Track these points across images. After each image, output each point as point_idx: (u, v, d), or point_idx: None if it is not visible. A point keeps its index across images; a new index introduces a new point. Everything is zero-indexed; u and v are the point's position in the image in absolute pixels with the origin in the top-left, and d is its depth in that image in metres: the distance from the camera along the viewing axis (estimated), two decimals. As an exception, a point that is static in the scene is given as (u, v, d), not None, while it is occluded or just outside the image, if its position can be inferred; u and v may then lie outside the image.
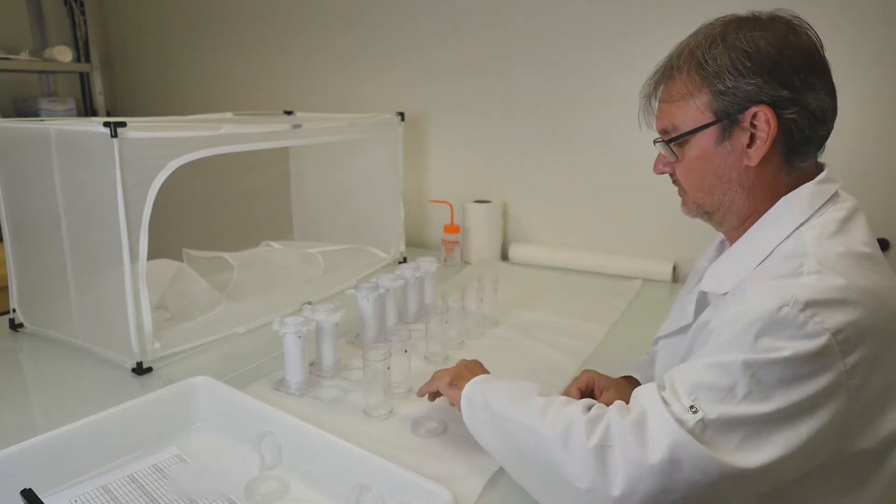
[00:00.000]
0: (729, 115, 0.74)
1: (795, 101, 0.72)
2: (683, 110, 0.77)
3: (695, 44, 0.76)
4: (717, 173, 0.77)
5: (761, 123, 0.72)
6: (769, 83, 0.71)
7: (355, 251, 1.75)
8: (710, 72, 0.74)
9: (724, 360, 0.63)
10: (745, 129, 0.73)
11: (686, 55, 0.76)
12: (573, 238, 1.82)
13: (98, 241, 1.11)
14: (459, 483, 0.79)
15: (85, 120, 1.43)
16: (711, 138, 0.76)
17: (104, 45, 2.65)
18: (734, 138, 0.75)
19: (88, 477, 0.81)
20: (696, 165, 0.78)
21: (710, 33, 0.75)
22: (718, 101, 0.74)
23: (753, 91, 0.72)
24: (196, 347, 1.23)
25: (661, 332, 0.90)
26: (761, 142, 0.73)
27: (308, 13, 2.12)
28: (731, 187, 0.77)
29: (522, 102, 1.80)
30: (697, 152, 0.77)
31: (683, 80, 0.76)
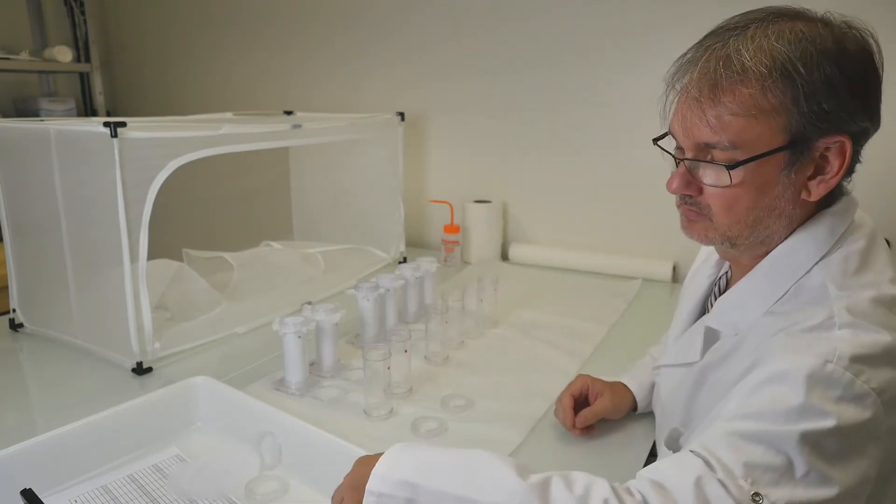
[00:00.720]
0: (807, 141, 0.62)
1: (867, 133, 0.64)
2: (753, 126, 0.62)
3: (777, 42, 0.61)
4: (771, 206, 0.65)
5: (833, 156, 0.63)
6: (860, 110, 0.62)
7: (355, 251, 1.75)
8: (799, 85, 0.60)
9: (771, 432, 0.54)
10: (813, 157, 0.63)
11: (767, 55, 0.61)
12: (573, 238, 1.82)
13: (98, 241, 1.11)
14: (459, 483, 0.79)
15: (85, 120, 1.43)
16: (778, 165, 0.63)
17: (104, 45, 2.65)
18: (801, 167, 0.63)
19: (88, 477, 0.81)
20: (748, 195, 0.65)
21: (794, 34, 0.61)
22: (800, 124, 0.61)
23: (844, 117, 0.61)
24: (196, 347, 1.23)
25: (665, 362, 0.83)
26: (830, 176, 0.63)
27: (308, 13, 2.12)
28: (777, 221, 0.66)
29: (522, 102, 1.80)
30: (755, 179, 0.64)
31: (763, 87, 0.61)
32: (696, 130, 0.65)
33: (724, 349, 0.70)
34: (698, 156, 0.66)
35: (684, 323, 0.83)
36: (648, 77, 1.61)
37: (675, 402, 0.77)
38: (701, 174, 0.67)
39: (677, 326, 0.85)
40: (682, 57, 0.68)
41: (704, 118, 0.64)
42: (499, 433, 0.93)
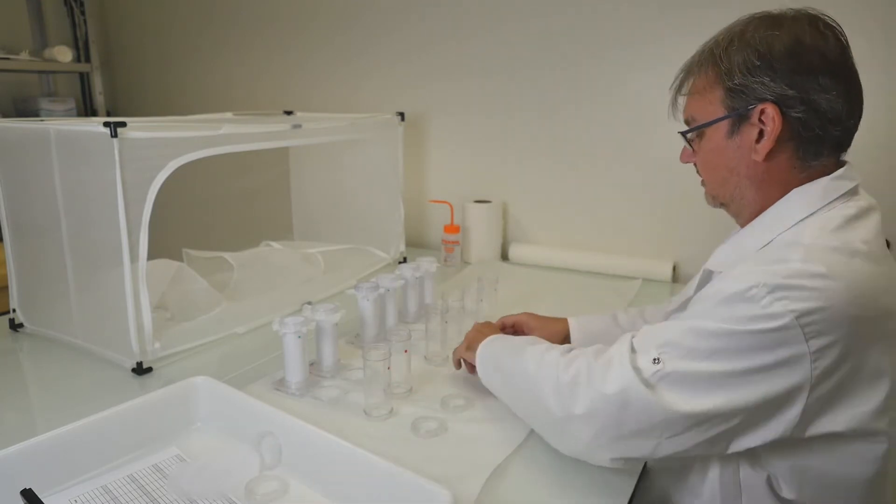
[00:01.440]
0: (738, 111, 0.78)
1: (802, 101, 0.74)
2: (700, 104, 0.82)
3: (714, 42, 0.80)
4: (728, 166, 0.81)
5: (768, 120, 0.76)
6: (776, 82, 0.74)
7: (355, 251, 1.75)
8: (723, 69, 0.78)
9: (694, 325, 0.71)
10: (755, 125, 0.77)
11: (707, 52, 0.81)
12: (573, 238, 1.82)
13: (98, 241, 1.11)
14: (459, 483, 0.79)
15: (85, 120, 1.43)
16: (723, 132, 0.80)
17: (104, 45, 2.65)
18: (744, 133, 0.78)
19: (88, 477, 0.81)
20: (711, 157, 0.83)
21: (731, 31, 0.79)
22: (730, 98, 0.78)
23: (760, 89, 0.75)
24: (196, 347, 1.23)
25: (669, 308, 0.98)
26: (767, 137, 0.76)
27: (308, 13, 2.12)
28: (740, 181, 0.81)
29: (522, 102, 1.80)
30: (711, 145, 0.82)
31: (702, 76, 0.81)
32: (679, 112, 0.87)
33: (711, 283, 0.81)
34: (683, 132, 0.87)
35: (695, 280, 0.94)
36: (649, 78, 1.61)
37: None
38: (686, 145, 0.88)
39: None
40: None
41: (675, 104, 0.88)
42: (499, 433, 0.93)
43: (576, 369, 0.77)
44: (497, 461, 0.86)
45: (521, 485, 0.82)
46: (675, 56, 1.09)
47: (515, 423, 0.95)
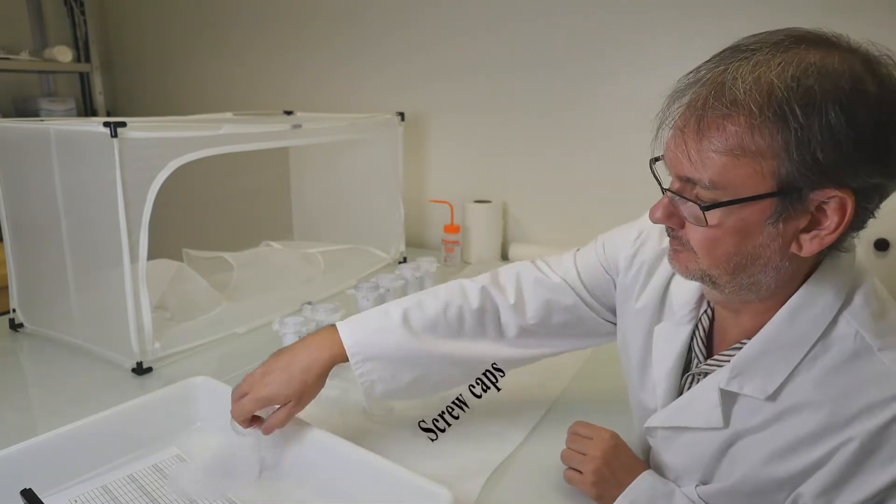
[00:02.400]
0: (798, 191, 0.55)
1: (880, 188, 0.56)
2: (736, 167, 0.56)
3: (777, 76, 0.53)
4: (753, 255, 0.60)
5: (831, 211, 0.55)
6: (868, 163, 0.54)
7: (355, 251, 1.75)
8: (795, 130, 0.53)
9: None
10: (807, 210, 0.56)
11: (763, 90, 0.53)
12: (573, 238, 1.81)
13: (98, 241, 1.11)
14: (459, 483, 0.79)
15: (85, 120, 1.44)
16: (763, 213, 0.57)
17: (104, 45, 2.65)
18: (791, 219, 0.57)
19: (88, 477, 0.81)
20: (728, 239, 0.59)
21: (801, 68, 0.53)
22: (791, 171, 0.54)
23: (846, 171, 0.53)
24: (196, 347, 1.23)
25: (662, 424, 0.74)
26: (826, 232, 0.56)
27: (308, 13, 2.12)
28: (762, 272, 0.61)
29: (522, 102, 1.80)
30: (736, 224, 0.58)
31: (752, 126, 0.54)
32: (678, 163, 0.60)
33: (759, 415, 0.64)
34: (682, 189, 0.61)
35: (668, 373, 0.75)
36: (649, 78, 1.61)
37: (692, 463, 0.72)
38: (683, 208, 0.62)
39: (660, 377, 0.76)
40: (688, 74, 0.61)
41: (686, 152, 0.58)
42: (499, 433, 0.93)
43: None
44: (497, 461, 0.86)
45: (521, 485, 0.82)
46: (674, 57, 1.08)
47: (515, 423, 0.95)
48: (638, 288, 0.82)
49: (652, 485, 0.74)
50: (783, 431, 0.62)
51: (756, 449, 0.64)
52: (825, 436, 0.59)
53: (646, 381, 0.80)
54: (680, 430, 0.72)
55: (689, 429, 0.71)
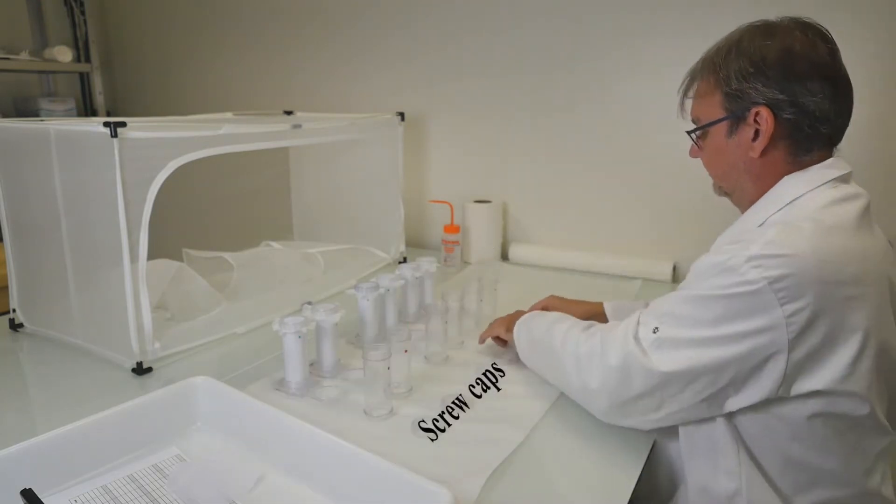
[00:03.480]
0: (736, 113, 0.86)
1: (792, 104, 0.82)
2: (703, 107, 0.90)
3: (715, 50, 0.89)
4: (728, 162, 0.90)
5: (762, 122, 0.84)
6: (769, 87, 0.82)
7: (355, 251, 1.75)
8: (721, 76, 0.86)
9: (685, 294, 0.80)
10: (751, 125, 0.85)
11: (708, 60, 0.89)
12: (573, 238, 1.82)
13: (98, 241, 1.11)
14: (459, 483, 0.79)
15: (85, 120, 1.43)
16: (723, 132, 0.89)
17: (104, 45, 2.65)
18: (741, 133, 0.87)
19: (88, 477, 0.81)
20: (713, 154, 0.92)
21: (729, 40, 0.87)
22: (728, 101, 0.86)
23: (755, 94, 0.83)
24: (196, 347, 1.23)
25: None
26: (761, 137, 0.85)
27: (308, 13, 2.12)
28: (739, 175, 0.89)
29: (523, 103, 1.80)
30: (714, 143, 0.91)
31: (704, 81, 0.90)
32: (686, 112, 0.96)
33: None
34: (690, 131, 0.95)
35: None
36: (650, 79, 1.61)
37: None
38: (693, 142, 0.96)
39: None
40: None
41: (682, 105, 0.95)
42: (499, 433, 0.93)
43: (590, 346, 0.89)
44: (497, 461, 0.86)
45: (521, 485, 0.82)
46: (673, 58, 1.12)
47: (516, 424, 0.95)
48: None
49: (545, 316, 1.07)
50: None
51: None
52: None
53: None
54: None
55: None
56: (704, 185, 1.00)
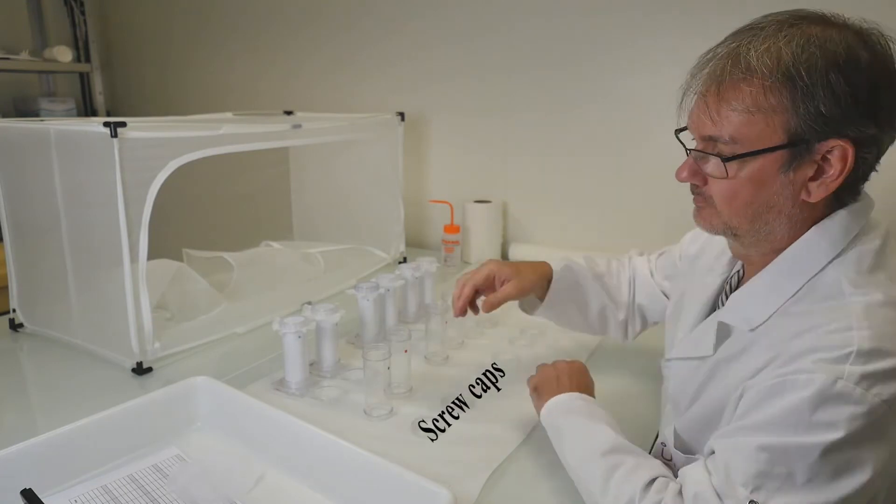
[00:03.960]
0: (805, 142, 0.64)
1: (877, 140, 0.65)
2: (752, 123, 0.65)
3: (785, 46, 0.63)
4: (769, 203, 0.68)
5: (835, 159, 0.64)
6: (863, 116, 0.63)
7: (355, 251, 1.75)
8: (800, 87, 0.62)
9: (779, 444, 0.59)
10: (815, 160, 0.65)
11: (773, 57, 0.63)
12: (573, 238, 1.82)
13: (98, 241, 1.11)
14: (459, 483, 0.79)
15: (85, 120, 1.43)
16: (776, 163, 0.66)
17: (104, 45, 2.65)
18: (800, 168, 0.65)
19: (88, 477, 0.81)
20: (746, 189, 0.68)
21: (805, 39, 0.63)
22: (799, 125, 0.63)
23: (844, 122, 0.63)
24: (196, 347, 1.23)
25: (675, 355, 0.83)
26: (830, 179, 0.65)
27: (308, 13, 2.12)
28: (777, 218, 0.69)
29: (523, 102, 1.80)
30: (753, 175, 0.67)
31: (764, 87, 0.63)
32: (701, 124, 0.69)
33: (739, 345, 0.71)
34: (705, 148, 0.70)
35: (695, 318, 0.84)
36: (649, 78, 1.61)
37: (683, 394, 0.79)
38: (705, 165, 0.71)
39: (687, 319, 0.85)
40: (706, 53, 0.70)
41: (708, 113, 0.68)
42: (499, 433, 0.93)
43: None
44: (497, 461, 0.86)
45: (521, 485, 0.82)
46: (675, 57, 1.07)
47: (515, 423, 0.95)
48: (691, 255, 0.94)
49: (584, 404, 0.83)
50: (744, 360, 0.68)
51: (723, 375, 0.71)
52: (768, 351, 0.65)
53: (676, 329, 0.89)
54: (683, 361, 0.80)
55: (689, 359, 0.79)
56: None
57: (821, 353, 0.60)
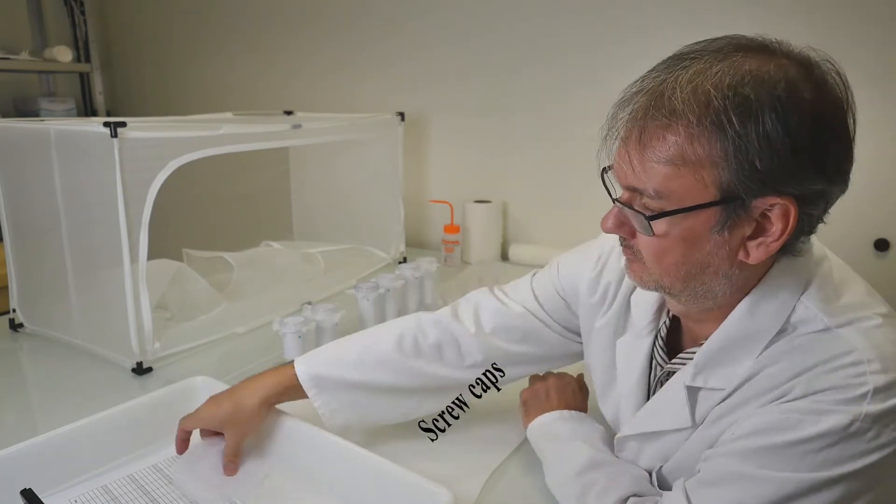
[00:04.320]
0: (738, 199, 0.56)
1: (824, 194, 0.57)
2: (679, 177, 0.56)
3: (714, 85, 0.54)
4: (702, 263, 0.60)
5: (775, 218, 0.56)
6: (806, 170, 0.54)
7: (355, 251, 1.75)
8: (732, 139, 0.53)
9: (793, 480, 0.55)
10: (753, 217, 0.57)
11: (699, 100, 0.54)
12: (573, 238, 1.81)
13: (98, 241, 1.11)
14: (459, 483, 0.79)
15: (85, 120, 1.43)
16: (708, 222, 0.57)
17: (104, 45, 2.65)
18: (736, 227, 0.57)
19: (88, 477, 0.81)
20: (675, 248, 0.60)
21: (736, 71, 0.54)
22: (731, 179, 0.55)
23: (785, 178, 0.54)
24: (196, 347, 1.23)
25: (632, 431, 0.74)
26: (771, 238, 0.57)
27: (308, 13, 2.12)
28: (713, 280, 0.61)
29: (523, 102, 1.80)
30: (682, 234, 0.59)
31: (690, 135, 0.55)
32: (623, 174, 0.61)
33: (726, 407, 0.63)
34: (630, 199, 0.61)
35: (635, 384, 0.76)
36: (648, 77, 1.61)
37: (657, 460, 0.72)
38: (631, 219, 0.62)
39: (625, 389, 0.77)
40: (633, 83, 0.61)
41: (630, 162, 0.59)
42: (499, 433, 0.93)
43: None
44: (497, 461, 0.86)
45: (521, 485, 0.82)
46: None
47: (515, 423, 0.95)
48: (604, 307, 0.81)
49: (563, 424, 0.81)
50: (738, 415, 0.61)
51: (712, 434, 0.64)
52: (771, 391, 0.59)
53: (608, 398, 0.81)
54: (650, 436, 0.72)
55: (660, 433, 0.70)
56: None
57: (835, 393, 0.55)
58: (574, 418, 0.83)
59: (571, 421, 0.82)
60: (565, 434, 0.80)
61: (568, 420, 0.83)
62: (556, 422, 0.83)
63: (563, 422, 0.82)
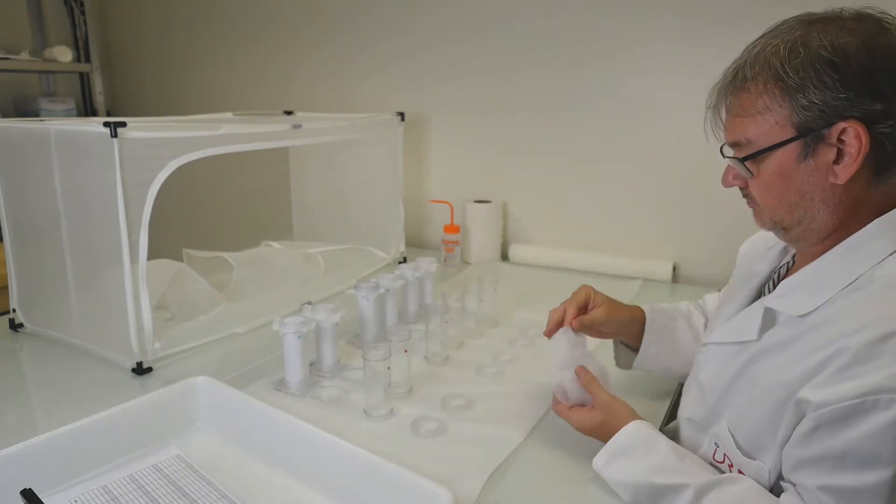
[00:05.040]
0: (813, 131, 0.67)
1: (889, 114, 0.65)
2: (759, 124, 0.71)
3: (771, 51, 0.69)
4: (800, 191, 0.71)
5: (850, 140, 0.66)
6: (861, 96, 0.65)
7: (355, 251, 1.75)
8: (791, 85, 0.67)
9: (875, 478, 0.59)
10: (832, 144, 0.67)
11: (762, 64, 0.69)
12: (573, 238, 1.82)
13: (98, 241, 1.11)
14: (459, 483, 0.79)
15: (85, 120, 1.43)
16: (793, 155, 0.69)
17: (104, 45, 2.65)
18: (819, 155, 0.68)
19: (88, 477, 0.81)
20: (775, 183, 0.72)
21: (789, 38, 0.68)
22: (801, 117, 0.67)
23: (842, 105, 0.65)
24: (196, 347, 1.23)
25: (713, 340, 0.83)
26: (850, 159, 0.67)
27: (308, 13, 2.12)
28: (813, 205, 0.71)
29: (522, 102, 1.80)
30: (776, 169, 0.71)
31: (759, 92, 0.70)
32: (725, 133, 0.76)
33: (786, 334, 0.71)
34: (735, 154, 0.75)
35: (740, 304, 0.84)
36: (650, 79, 1.61)
37: (717, 379, 0.78)
38: (737, 168, 0.76)
39: (730, 306, 0.85)
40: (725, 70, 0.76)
41: (721, 123, 0.76)
42: (499, 433, 0.93)
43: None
44: (497, 461, 0.86)
45: (521, 485, 0.82)
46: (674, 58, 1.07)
47: (515, 423, 0.95)
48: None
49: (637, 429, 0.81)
50: (799, 345, 0.68)
51: (773, 362, 0.71)
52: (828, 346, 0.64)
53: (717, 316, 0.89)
54: (722, 346, 0.81)
55: (729, 343, 0.79)
56: (704, 184, 0.98)
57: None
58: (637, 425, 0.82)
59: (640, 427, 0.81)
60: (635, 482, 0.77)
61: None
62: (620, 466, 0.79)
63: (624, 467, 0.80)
